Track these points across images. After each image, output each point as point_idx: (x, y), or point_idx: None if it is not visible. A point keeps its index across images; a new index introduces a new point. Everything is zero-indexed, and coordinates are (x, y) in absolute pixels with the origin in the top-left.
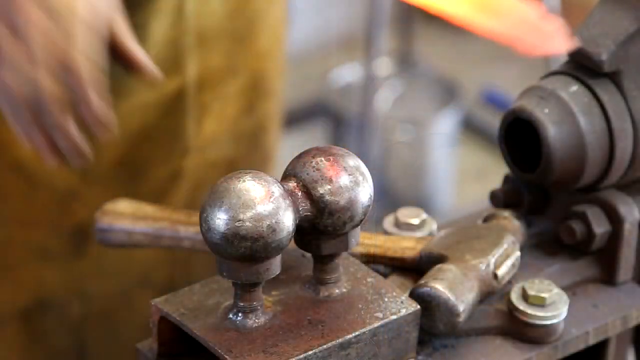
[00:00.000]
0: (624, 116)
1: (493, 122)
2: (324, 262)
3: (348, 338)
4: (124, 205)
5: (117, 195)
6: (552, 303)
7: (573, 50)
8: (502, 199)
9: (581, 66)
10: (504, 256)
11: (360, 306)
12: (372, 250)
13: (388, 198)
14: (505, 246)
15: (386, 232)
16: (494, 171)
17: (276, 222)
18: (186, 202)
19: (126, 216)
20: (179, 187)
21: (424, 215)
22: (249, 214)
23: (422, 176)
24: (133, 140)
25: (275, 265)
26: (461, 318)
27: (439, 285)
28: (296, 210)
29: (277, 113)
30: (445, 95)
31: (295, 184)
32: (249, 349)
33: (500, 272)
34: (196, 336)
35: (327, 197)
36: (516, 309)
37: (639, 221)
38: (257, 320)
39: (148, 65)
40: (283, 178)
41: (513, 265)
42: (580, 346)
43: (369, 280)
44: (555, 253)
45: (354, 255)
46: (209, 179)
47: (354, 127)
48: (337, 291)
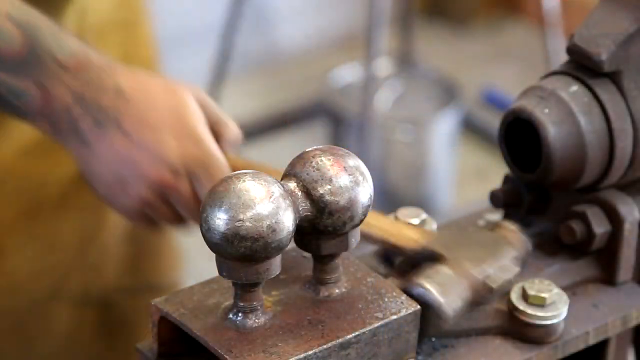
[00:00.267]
0: (624, 116)
1: (493, 122)
2: (324, 262)
3: (348, 338)
4: None
5: (19, 209)
6: (552, 303)
7: (572, 50)
8: (502, 199)
9: (581, 66)
10: (503, 271)
11: (360, 306)
12: (375, 230)
13: (388, 198)
14: (505, 262)
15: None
16: (494, 171)
17: (276, 222)
18: (94, 201)
19: None
20: (83, 189)
21: (424, 215)
22: (249, 214)
23: (422, 176)
24: (35, 149)
25: (275, 265)
26: (448, 323)
27: (433, 288)
28: (296, 210)
29: None
30: (445, 95)
31: (295, 184)
32: (249, 349)
33: (495, 286)
34: (196, 336)
35: (327, 197)
36: (516, 309)
37: (639, 221)
38: (257, 320)
39: (236, 131)
40: (283, 178)
41: (510, 281)
42: (580, 346)
43: (369, 280)
44: (555, 253)
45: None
46: None
47: (354, 127)
48: (337, 291)
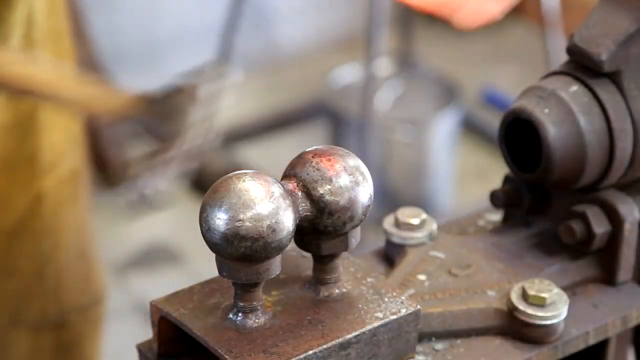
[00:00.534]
0: (624, 116)
1: (493, 122)
2: (324, 262)
3: (348, 338)
4: None
5: None
6: (552, 303)
7: (572, 50)
8: (502, 199)
9: (581, 66)
10: None
11: (360, 306)
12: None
13: (388, 198)
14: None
15: (386, 232)
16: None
17: (276, 222)
18: (50, 224)
19: None
20: (43, 209)
21: (424, 215)
22: (249, 214)
23: (422, 176)
24: None
25: (275, 265)
26: None
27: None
28: (296, 210)
29: None
30: (445, 95)
31: (295, 184)
32: (249, 349)
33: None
34: (196, 336)
35: (327, 197)
36: (516, 309)
37: (639, 221)
38: (257, 320)
39: None
40: (283, 178)
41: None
42: (580, 346)
43: (369, 280)
44: (555, 253)
45: None
46: (65, 196)
47: (354, 127)
48: (337, 291)
